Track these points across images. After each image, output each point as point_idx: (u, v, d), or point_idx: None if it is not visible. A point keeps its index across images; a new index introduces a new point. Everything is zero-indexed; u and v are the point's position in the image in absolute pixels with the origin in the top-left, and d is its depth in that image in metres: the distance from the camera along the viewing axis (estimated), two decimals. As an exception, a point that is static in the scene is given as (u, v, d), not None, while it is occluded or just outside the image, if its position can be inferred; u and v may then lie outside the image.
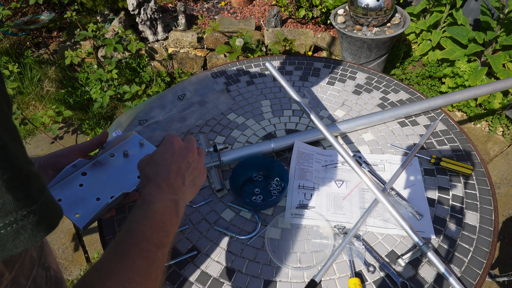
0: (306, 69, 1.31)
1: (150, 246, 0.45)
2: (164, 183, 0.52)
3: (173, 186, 0.52)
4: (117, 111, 2.55)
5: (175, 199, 0.51)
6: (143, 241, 0.45)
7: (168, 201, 0.50)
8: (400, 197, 0.87)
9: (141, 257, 0.43)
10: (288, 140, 0.99)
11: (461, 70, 2.15)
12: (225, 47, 2.33)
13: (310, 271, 0.76)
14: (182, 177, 0.54)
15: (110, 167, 0.68)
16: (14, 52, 2.92)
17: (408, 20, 2.13)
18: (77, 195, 0.64)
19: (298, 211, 0.86)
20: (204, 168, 0.60)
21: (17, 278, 0.27)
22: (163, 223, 0.48)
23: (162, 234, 0.47)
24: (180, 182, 0.53)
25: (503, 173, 1.98)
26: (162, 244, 0.46)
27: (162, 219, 0.48)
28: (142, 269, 0.42)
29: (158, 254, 0.45)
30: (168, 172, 0.53)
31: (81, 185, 0.65)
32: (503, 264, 1.62)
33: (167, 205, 0.50)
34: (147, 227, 0.46)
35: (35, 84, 2.64)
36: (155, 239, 0.46)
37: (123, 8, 2.71)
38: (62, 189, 0.64)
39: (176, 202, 0.51)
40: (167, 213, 0.49)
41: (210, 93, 1.21)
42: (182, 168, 0.55)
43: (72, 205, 0.63)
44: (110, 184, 0.66)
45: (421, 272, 0.74)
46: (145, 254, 0.44)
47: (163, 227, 0.48)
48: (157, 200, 0.49)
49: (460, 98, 1.10)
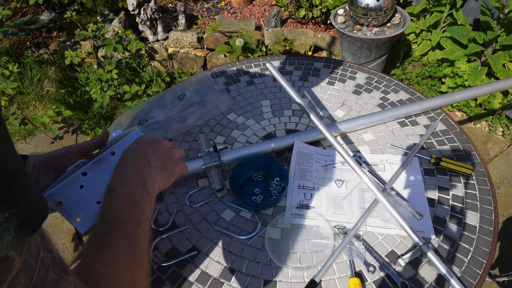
0: (306, 69, 1.31)
1: (127, 226, 0.46)
2: (127, 168, 0.53)
3: (137, 167, 0.54)
4: (117, 111, 2.55)
5: (141, 178, 0.52)
6: (119, 223, 0.46)
7: (134, 182, 0.51)
8: (400, 197, 0.87)
9: (121, 237, 0.44)
10: (288, 140, 0.99)
11: (461, 70, 2.15)
12: (225, 47, 2.33)
13: (310, 271, 0.76)
14: (147, 160, 0.56)
15: (111, 166, 0.66)
16: (14, 52, 2.92)
17: (408, 20, 2.13)
18: (78, 197, 0.63)
19: (298, 211, 0.86)
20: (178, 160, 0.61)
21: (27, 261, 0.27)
22: (135, 202, 0.49)
23: (137, 212, 0.48)
24: (145, 163, 0.55)
25: (503, 173, 1.98)
26: (139, 221, 0.47)
27: (133, 198, 0.49)
28: (124, 248, 0.43)
29: (137, 231, 0.46)
30: (133, 158, 0.55)
31: (81, 186, 0.64)
32: (503, 264, 1.62)
33: (134, 186, 0.51)
34: (119, 210, 0.47)
35: (35, 84, 2.64)
36: (131, 219, 0.47)
37: (123, 8, 2.71)
38: (63, 191, 0.63)
39: (143, 181, 0.52)
40: (137, 193, 0.50)
41: (210, 93, 1.21)
42: (147, 153, 0.57)
43: (73, 208, 0.62)
44: None
45: (421, 272, 0.74)
46: (124, 233, 0.45)
47: (135, 206, 0.49)
48: (122, 184, 0.51)
49: (460, 98, 1.10)
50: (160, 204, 0.90)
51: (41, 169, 0.62)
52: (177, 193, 0.93)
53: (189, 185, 0.94)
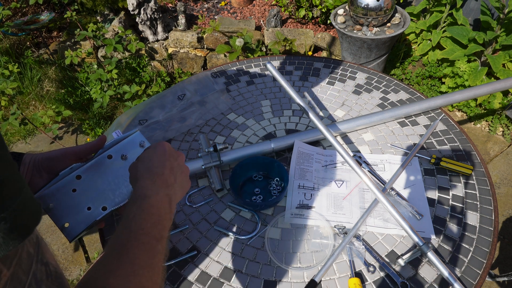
0: (306, 69, 1.31)
1: (150, 239, 0.45)
2: (158, 178, 0.52)
3: (167, 182, 0.53)
4: (117, 111, 2.55)
5: (169, 194, 0.52)
6: (142, 234, 0.45)
7: (163, 195, 0.51)
8: (400, 197, 0.87)
9: (142, 250, 0.43)
10: (288, 140, 0.99)
11: (461, 70, 2.15)
12: (225, 47, 2.33)
13: (310, 271, 0.76)
14: (175, 176, 0.55)
15: (107, 170, 0.64)
16: (14, 52, 2.92)
17: (408, 20, 2.13)
18: (69, 201, 0.61)
19: (298, 211, 0.86)
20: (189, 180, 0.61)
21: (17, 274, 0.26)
22: (160, 217, 0.48)
23: (160, 227, 0.47)
24: (173, 179, 0.54)
25: (503, 173, 1.98)
26: (160, 237, 0.46)
27: (159, 212, 0.48)
28: (144, 261, 0.42)
29: (158, 247, 0.45)
30: (162, 167, 0.54)
31: (74, 190, 0.61)
32: (503, 264, 1.62)
33: (162, 199, 0.50)
34: (146, 220, 0.46)
35: (35, 84, 2.64)
36: (154, 232, 0.46)
37: (123, 8, 2.71)
38: (55, 194, 0.60)
39: (170, 198, 0.51)
40: (163, 207, 0.49)
41: (210, 93, 1.21)
42: (174, 167, 0.56)
43: (63, 212, 0.60)
44: (104, 190, 0.63)
45: (421, 272, 0.74)
46: (145, 247, 0.44)
47: (160, 221, 0.48)
48: (152, 194, 0.49)
49: (460, 98, 1.10)
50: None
51: (35, 170, 0.61)
52: (177, 193, 0.93)
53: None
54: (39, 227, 1.55)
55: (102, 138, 0.66)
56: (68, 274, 1.67)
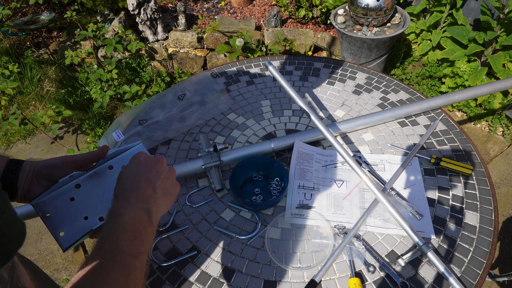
0: (306, 69, 1.31)
1: (125, 257, 0.44)
2: (132, 194, 0.51)
3: (143, 195, 0.52)
4: (117, 111, 2.55)
5: (146, 207, 0.51)
6: (117, 253, 0.44)
7: (138, 211, 0.50)
8: (400, 197, 0.87)
9: (117, 270, 0.43)
10: (288, 140, 0.99)
11: (461, 70, 2.15)
12: (225, 47, 2.33)
13: (310, 271, 0.76)
14: (153, 185, 0.54)
15: (106, 181, 0.63)
16: (14, 52, 2.92)
17: (408, 20, 2.13)
18: (66, 210, 0.60)
19: (298, 211, 0.86)
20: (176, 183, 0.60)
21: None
22: (136, 232, 0.47)
23: (137, 242, 0.47)
24: (150, 191, 0.53)
25: (503, 173, 1.98)
26: (138, 253, 0.46)
27: (135, 228, 0.48)
28: (118, 281, 0.42)
29: (135, 263, 0.45)
30: (136, 182, 0.53)
31: (72, 199, 0.60)
32: (503, 264, 1.62)
33: (137, 215, 0.49)
34: (120, 238, 0.46)
35: (35, 84, 2.64)
36: (130, 249, 0.45)
37: (123, 8, 2.71)
38: (52, 202, 0.59)
39: (148, 211, 0.51)
40: (139, 222, 0.49)
41: (210, 93, 1.21)
42: (152, 178, 0.54)
43: (59, 221, 0.59)
44: (102, 201, 0.62)
45: (421, 272, 0.74)
46: (121, 265, 0.43)
47: (136, 236, 0.47)
48: (126, 212, 0.49)
49: (460, 98, 1.10)
50: (160, 204, 0.90)
51: (34, 177, 0.60)
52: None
53: (189, 185, 0.94)
54: (40, 226, 1.53)
55: (104, 148, 0.65)
56: (68, 274, 1.67)
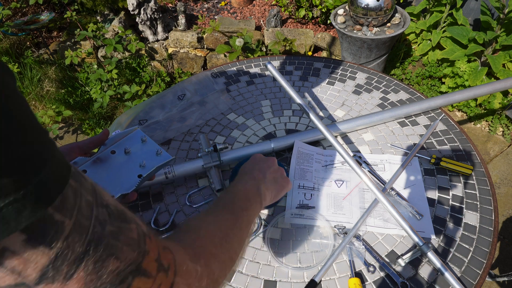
0: (306, 69, 1.31)
1: (235, 207, 0.54)
2: (245, 175, 0.65)
3: (255, 177, 0.64)
4: (117, 111, 2.55)
5: (256, 184, 0.62)
6: (229, 204, 0.54)
7: (250, 184, 0.62)
8: (400, 197, 0.87)
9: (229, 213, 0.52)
10: (288, 140, 0.99)
11: (461, 70, 2.15)
12: (225, 47, 2.33)
13: (310, 271, 0.76)
14: (263, 172, 0.66)
15: (111, 164, 0.67)
16: (14, 52, 2.92)
17: (408, 20, 2.13)
18: None
19: (298, 211, 0.86)
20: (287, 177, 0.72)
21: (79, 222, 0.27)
22: (246, 195, 0.58)
23: (246, 201, 0.57)
24: (261, 175, 0.65)
25: (503, 173, 1.98)
26: (246, 208, 0.55)
27: (245, 192, 0.59)
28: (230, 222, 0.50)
29: (243, 213, 0.53)
30: (251, 169, 0.67)
31: None
32: (503, 264, 1.62)
33: (249, 185, 0.61)
34: (232, 196, 0.57)
35: (35, 84, 2.64)
36: (240, 203, 0.55)
37: (123, 8, 2.71)
38: None
39: (258, 186, 0.62)
40: (250, 190, 0.60)
41: (210, 93, 1.21)
42: (262, 167, 0.68)
43: None
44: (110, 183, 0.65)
45: (421, 272, 0.74)
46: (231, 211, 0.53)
47: (246, 197, 0.58)
48: (240, 183, 0.62)
49: (460, 98, 1.10)
50: (160, 204, 0.90)
51: None
52: (177, 193, 0.93)
53: (189, 185, 0.94)
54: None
55: (105, 132, 0.68)
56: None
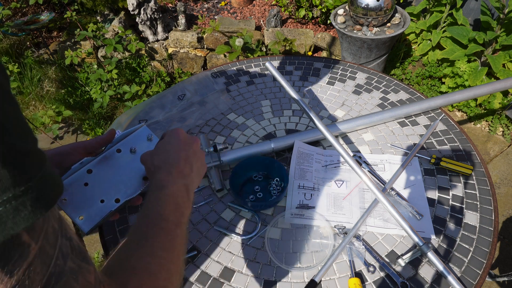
0: (306, 69, 1.31)
1: (168, 224, 0.47)
2: (174, 169, 0.54)
3: (183, 172, 0.54)
4: (117, 111, 2.55)
5: (186, 183, 0.53)
6: (161, 220, 0.47)
7: (180, 185, 0.52)
8: (400, 197, 0.87)
9: (161, 234, 0.45)
10: (288, 140, 0.99)
11: (461, 70, 2.15)
12: (225, 47, 2.33)
13: (310, 271, 0.76)
14: (190, 164, 0.56)
15: (116, 164, 0.66)
16: (14, 52, 2.92)
17: (408, 20, 2.12)
18: (82, 195, 0.62)
19: (298, 211, 0.86)
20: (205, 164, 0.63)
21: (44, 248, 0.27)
22: (177, 205, 0.50)
23: (178, 214, 0.49)
24: (188, 169, 0.56)
25: (503, 173, 1.98)
26: (179, 223, 0.48)
27: (176, 200, 0.50)
28: (163, 244, 0.44)
29: (177, 231, 0.47)
30: (177, 159, 0.55)
31: (86, 184, 0.63)
32: (503, 264, 1.62)
33: (179, 189, 0.52)
34: (163, 208, 0.48)
35: (35, 84, 2.64)
36: (172, 218, 0.48)
37: (123, 8, 2.71)
38: (67, 189, 0.62)
39: (187, 187, 0.53)
40: (180, 196, 0.51)
41: (210, 93, 1.21)
42: (190, 156, 0.57)
43: (77, 206, 0.61)
44: (116, 183, 0.65)
45: (421, 272, 0.74)
46: (164, 231, 0.46)
47: (178, 208, 0.50)
48: (169, 184, 0.51)
49: (460, 98, 1.10)
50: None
51: None
52: (177, 193, 0.92)
53: (189, 185, 0.94)
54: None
55: (112, 132, 0.67)
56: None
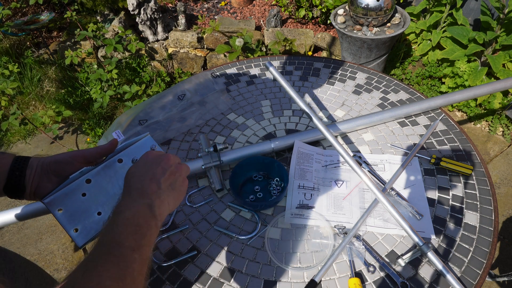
0: (306, 69, 1.31)
1: (123, 250, 0.45)
2: (135, 191, 0.53)
3: (146, 191, 0.53)
4: (117, 111, 2.55)
5: (149, 202, 0.52)
6: (115, 246, 0.45)
7: (140, 206, 0.51)
8: (400, 197, 0.87)
9: (112, 261, 0.43)
10: (288, 140, 0.99)
11: (461, 70, 2.15)
12: (225, 47, 2.33)
13: (310, 271, 0.76)
14: (157, 181, 0.55)
15: (117, 174, 0.64)
16: (14, 52, 2.92)
17: (408, 20, 2.12)
18: (79, 206, 0.60)
19: (298, 211, 0.86)
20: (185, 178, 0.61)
21: None
22: (138, 226, 0.48)
23: (138, 236, 0.47)
24: (154, 186, 0.54)
25: (503, 173, 1.98)
26: (138, 246, 0.46)
27: (136, 222, 0.48)
28: (113, 273, 0.42)
29: (134, 256, 0.45)
30: (142, 181, 0.54)
31: (84, 194, 0.61)
32: (503, 264, 1.62)
33: (139, 210, 0.50)
34: (118, 233, 0.46)
35: (35, 84, 2.64)
36: (130, 242, 0.46)
37: (123, 8, 2.71)
38: (64, 199, 0.60)
39: (150, 205, 0.51)
40: (141, 216, 0.49)
41: (210, 93, 1.21)
42: (157, 174, 0.55)
43: (73, 217, 0.59)
44: (114, 195, 0.62)
45: (421, 272, 0.74)
46: (118, 258, 0.44)
47: (137, 230, 0.47)
48: (127, 208, 0.50)
49: (460, 98, 1.10)
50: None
51: (43, 173, 0.60)
52: (177, 193, 0.92)
53: (189, 185, 0.94)
54: (39, 226, 1.53)
55: (113, 142, 0.65)
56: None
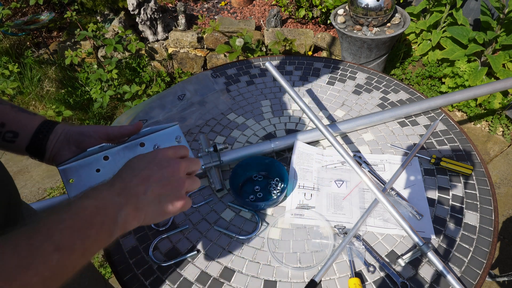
0: (306, 69, 1.31)
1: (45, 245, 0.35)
2: (119, 183, 0.45)
3: (129, 190, 0.44)
4: (117, 111, 2.55)
5: (122, 203, 0.43)
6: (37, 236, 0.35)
7: (111, 203, 0.42)
8: (400, 197, 0.87)
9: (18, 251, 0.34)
10: (288, 140, 0.99)
11: (461, 70, 2.15)
12: (225, 47, 2.33)
13: (310, 271, 0.76)
14: (147, 185, 0.46)
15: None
16: (14, 52, 2.92)
17: (408, 20, 2.13)
18: (90, 180, 0.59)
19: (298, 211, 0.86)
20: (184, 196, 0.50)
21: None
22: (88, 224, 0.39)
23: (76, 235, 0.37)
24: (141, 189, 0.45)
25: (503, 173, 1.98)
26: (66, 247, 0.36)
27: (89, 218, 0.39)
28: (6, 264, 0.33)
29: (52, 256, 0.35)
30: (133, 176, 0.46)
31: (98, 170, 0.59)
32: (503, 264, 1.62)
33: (106, 206, 0.41)
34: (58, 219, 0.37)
35: (35, 84, 2.64)
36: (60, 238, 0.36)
37: (123, 8, 2.71)
38: (78, 169, 0.59)
39: (121, 208, 0.42)
40: (102, 214, 0.40)
41: (210, 93, 1.21)
42: (152, 177, 0.47)
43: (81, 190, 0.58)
44: None
45: (421, 272, 0.74)
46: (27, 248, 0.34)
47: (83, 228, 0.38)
48: (95, 196, 0.41)
49: (460, 98, 1.10)
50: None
51: (65, 141, 0.59)
52: (177, 193, 0.92)
53: (189, 185, 0.94)
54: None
55: (138, 125, 0.62)
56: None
